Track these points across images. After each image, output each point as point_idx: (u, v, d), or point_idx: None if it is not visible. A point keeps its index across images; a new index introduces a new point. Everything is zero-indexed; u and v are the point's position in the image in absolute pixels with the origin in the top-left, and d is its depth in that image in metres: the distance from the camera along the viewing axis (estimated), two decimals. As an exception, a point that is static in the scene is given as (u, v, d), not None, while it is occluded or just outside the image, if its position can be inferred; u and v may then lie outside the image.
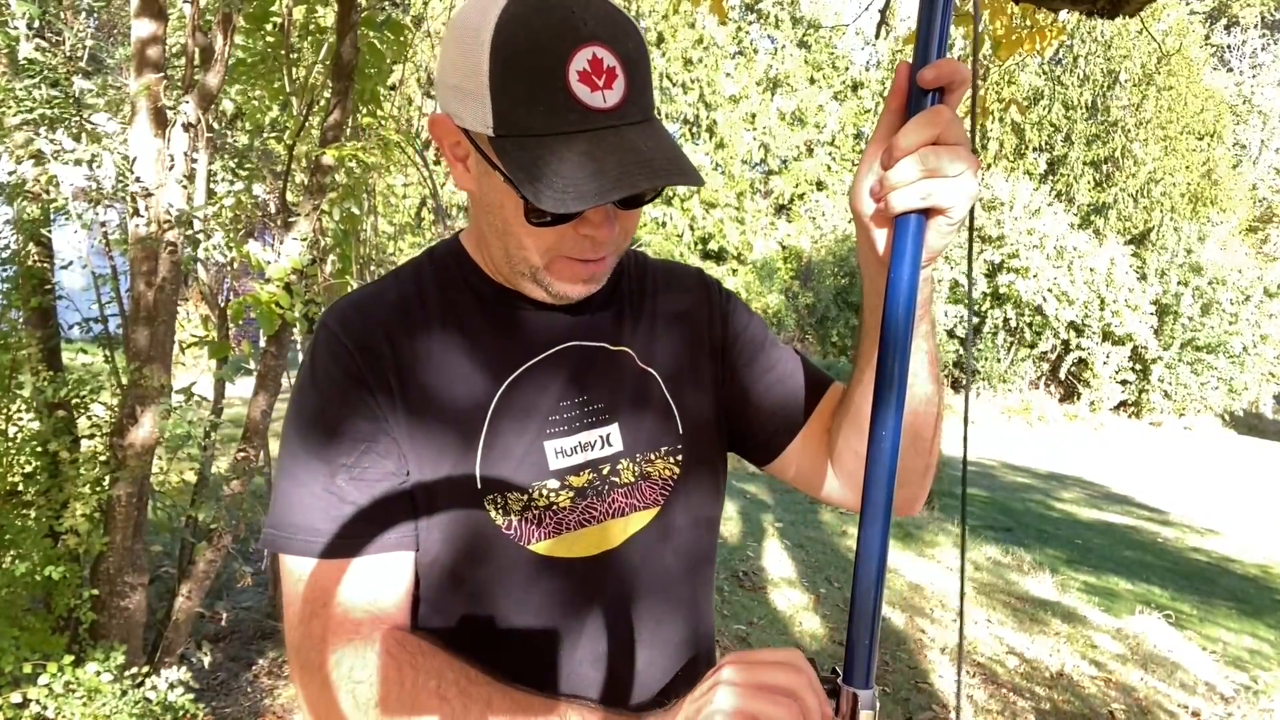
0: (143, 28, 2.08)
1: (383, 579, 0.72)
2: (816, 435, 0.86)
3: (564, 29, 0.61)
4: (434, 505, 0.74)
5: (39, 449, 2.05)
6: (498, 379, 0.77)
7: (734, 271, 19.67)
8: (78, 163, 2.15)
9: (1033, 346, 19.34)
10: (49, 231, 2.22)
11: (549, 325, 0.80)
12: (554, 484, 0.77)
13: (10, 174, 2.09)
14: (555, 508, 0.77)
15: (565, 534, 0.78)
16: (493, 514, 0.75)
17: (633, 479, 0.81)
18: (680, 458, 0.84)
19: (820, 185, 20.89)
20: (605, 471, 0.80)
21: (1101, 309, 18.84)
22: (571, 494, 0.78)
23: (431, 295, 0.79)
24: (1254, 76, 28.08)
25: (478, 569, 0.76)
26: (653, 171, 0.63)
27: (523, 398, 0.77)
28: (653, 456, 0.82)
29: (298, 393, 0.75)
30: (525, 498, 0.76)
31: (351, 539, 0.70)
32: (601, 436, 0.80)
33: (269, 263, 2.35)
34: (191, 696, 2.01)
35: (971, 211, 0.64)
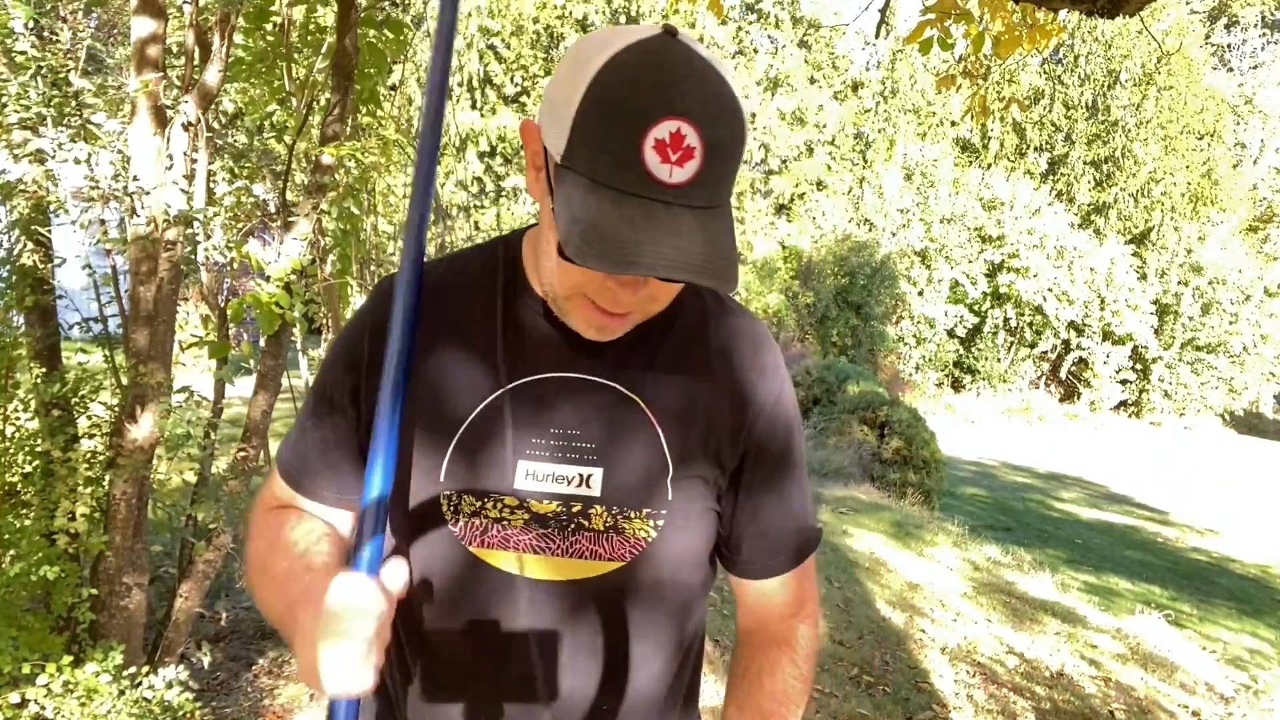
0: (142, 26, 2.08)
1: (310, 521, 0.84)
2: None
3: (660, 94, 0.61)
4: (399, 489, 0.77)
5: (36, 449, 2.04)
6: (494, 386, 0.78)
7: (734, 271, 19.64)
8: (76, 161, 2.15)
9: (1033, 346, 19.35)
10: (48, 231, 2.21)
11: (568, 349, 0.79)
12: (513, 502, 0.77)
13: (2, 172, 2.09)
14: (505, 523, 0.77)
15: (510, 550, 0.78)
16: (445, 510, 0.78)
17: (602, 528, 0.78)
18: (661, 524, 0.79)
19: (820, 185, 20.87)
20: (575, 510, 0.78)
21: (1102, 309, 18.86)
22: (527, 517, 0.77)
23: (472, 290, 0.82)
24: (1254, 76, 28.07)
25: (420, 556, 0.79)
26: (682, 265, 0.61)
27: (513, 411, 0.77)
28: (632, 515, 0.79)
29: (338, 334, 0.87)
30: (479, 504, 0.77)
31: (300, 475, 0.84)
32: (581, 475, 0.78)
33: (269, 263, 2.35)
34: (191, 696, 2.01)
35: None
